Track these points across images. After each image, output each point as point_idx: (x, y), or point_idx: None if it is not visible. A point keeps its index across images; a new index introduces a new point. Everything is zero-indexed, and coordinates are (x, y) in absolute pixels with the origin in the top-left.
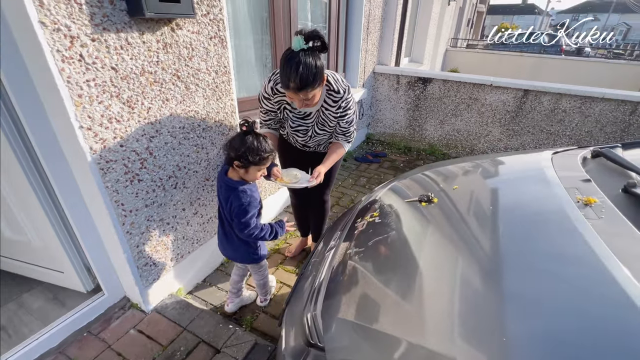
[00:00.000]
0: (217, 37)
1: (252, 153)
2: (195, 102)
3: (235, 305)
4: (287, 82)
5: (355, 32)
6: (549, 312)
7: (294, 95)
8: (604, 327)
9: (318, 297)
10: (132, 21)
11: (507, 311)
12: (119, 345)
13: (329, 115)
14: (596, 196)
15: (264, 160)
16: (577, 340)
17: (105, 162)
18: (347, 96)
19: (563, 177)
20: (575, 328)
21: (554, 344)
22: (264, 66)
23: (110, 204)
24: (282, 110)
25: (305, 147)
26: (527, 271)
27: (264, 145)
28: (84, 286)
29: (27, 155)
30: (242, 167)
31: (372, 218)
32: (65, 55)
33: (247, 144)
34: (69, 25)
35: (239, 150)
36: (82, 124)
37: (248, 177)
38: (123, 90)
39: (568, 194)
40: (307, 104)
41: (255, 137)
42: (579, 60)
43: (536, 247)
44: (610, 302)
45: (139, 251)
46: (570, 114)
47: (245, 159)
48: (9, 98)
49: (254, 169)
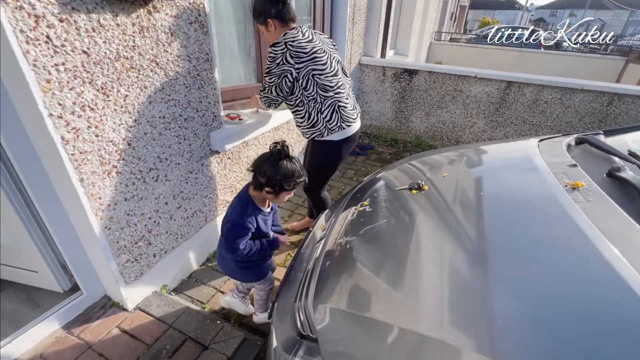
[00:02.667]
0: (197, 22)
1: (288, 180)
2: (176, 91)
3: (229, 300)
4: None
5: (340, 22)
6: (543, 294)
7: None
8: (596, 308)
9: (309, 288)
10: (104, 1)
11: (503, 295)
12: (101, 345)
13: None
14: (583, 180)
15: (299, 184)
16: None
17: (80, 153)
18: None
19: (550, 162)
20: (567, 310)
21: (546, 326)
22: (247, 55)
23: (85, 198)
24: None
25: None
26: (520, 254)
27: (298, 169)
28: (60, 286)
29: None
30: (273, 193)
31: (362, 207)
32: (29, 36)
33: (281, 171)
34: (32, 3)
35: (273, 179)
36: (51, 111)
37: (278, 200)
38: (96, 76)
39: (556, 178)
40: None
41: (289, 161)
42: (558, 54)
43: (528, 230)
44: (602, 282)
45: (119, 247)
46: (552, 105)
47: (280, 186)
48: None
49: (284, 194)
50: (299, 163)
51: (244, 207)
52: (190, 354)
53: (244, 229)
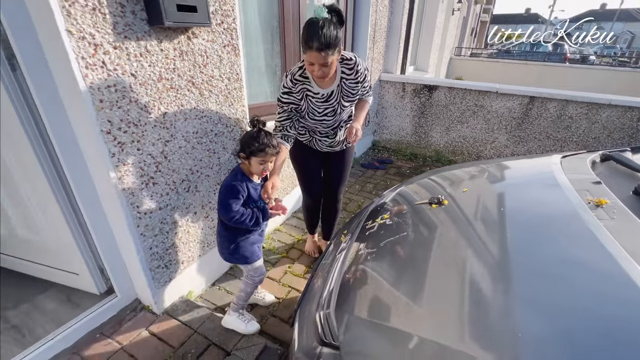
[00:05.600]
0: (230, 45)
1: (251, 142)
2: (209, 108)
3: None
4: (310, 43)
5: (361, 41)
6: (564, 313)
7: (315, 57)
8: (621, 327)
9: (331, 296)
10: (151, 30)
11: (523, 311)
12: (131, 346)
13: (350, 85)
14: (607, 197)
15: (262, 152)
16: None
17: (123, 165)
18: (358, 60)
19: (573, 179)
20: (592, 329)
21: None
22: (274, 74)
23: (126, 206)
24: (304, 98)
25: (329, 137)
26: (541, 273)
27: (263, 137)
28: (97, 288)
29: (47, 156)
30: (245, 158)
31: (382, 220)
32: (89, 62)
33: (249, 134)
34: (93, 34)
35: (241, 143)
36: (102, 127)
37: (252, 169)
38: (141, 95)
39: (579, 195)
40: (324, 72)
41: (257, 130)
42: (584, 68)
43: (549, 248)
44: (627, 302)
45: (152, 253)
46: (577, 121)
47: (247, 149)
48: (33, 101)
49: (255, 161)
50: (267, 137)
51: (235, 174)
52: (213, 359)
53: (235, 191)
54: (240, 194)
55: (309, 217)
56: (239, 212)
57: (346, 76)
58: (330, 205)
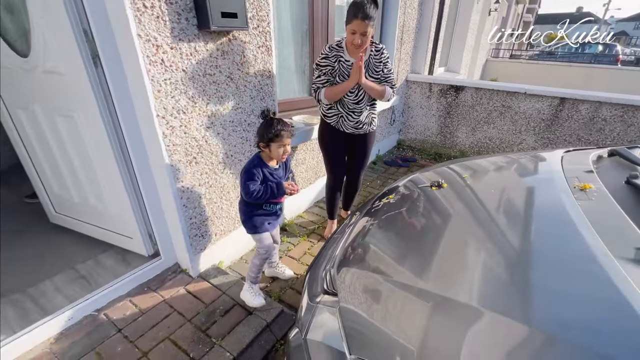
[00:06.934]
0: (264, 46)
1: (268, 130)
2: (243, 101)
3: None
4: (357, 13)
5: (389, 42)
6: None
7: (358, 25)
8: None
9: (335, 259)
10: (200, 33)
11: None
12: (171, 300)
13: (375, 63)
14: (593, 183)
15: (278, 136)
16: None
17: (173, 145)
18: (384, 49)
19: (567, 168)
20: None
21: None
22: (302, 73)
23: (173, 180)
24: (338, 63)
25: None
26: (513, 242)
27: (276, 123)
28: (147, 250)
29: (116, 136)
30: (266, 146)
31: (387, 199)
32: (151, 59)
33: (263, 124)
34: (156, 37)
35: (259, 133)
36: (158, 113)
37: (273, 155)
38: (189, 88)
39: (567, 181)
40: (363, 41)
41: (269, 119)
42: (638, 70)
43: (526, 222)
44: (584, 269)
45: (191, 223)
46: (611, 123)
47: (265, 137)
48: (109, 91)
49: (274, 147)
50: (279, 122)
51: (253, 160)
52: (238, 316)
53: (251, 174)
54: (255, 177)
55: (331, 197)
56: (256, 189)
57: (373, 55)
58: (351, 184)
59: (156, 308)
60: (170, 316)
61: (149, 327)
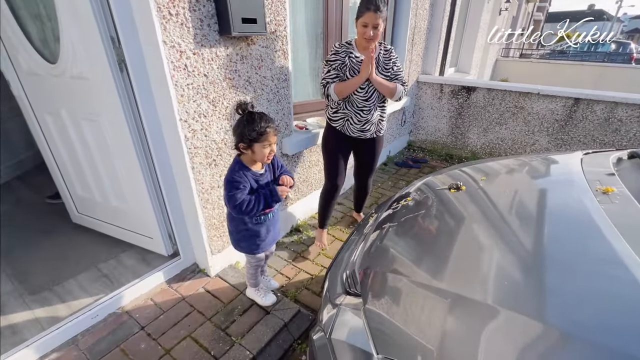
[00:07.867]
0: (280, 50)
1: (249, 128)
2: (261, 104)
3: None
4: (368, 5)
5: (400, 44)
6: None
7: (370, 17)
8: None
9: (357, 261)
10: (220, 39)
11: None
12: (191, 298)
13: (384, 61)
14: (615, 186)
15: (263, 134)
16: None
17: (194, 148)
18: (393, 49)
19: (588, 171)
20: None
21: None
22: (316, 76)
23: (193, 182)
24: (348, 59)
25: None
26: (532, 244)
27: (258, 119)
28: (166, 250)
29: (139, 138)
30: (247, 147)
31: (405, 202)
32: (175, 65)
33: (242, 122)
34: (179, 43)
35: (236, 132)
36: (181, 116)
37: (257, 157)
38: (210, 92)
39: (588, 184)
40: (374, 34)
41: (248, 115)
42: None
43: (549, 226)
44: (608, 270)
45: (210, 224)
46: (627, 124)
47: (246, 137)
48: (134, 94)
49: (258, 147)
50: (261, 118)
51: (233, 167)
52: (255, 315)
53: (233, 183)
54: (241, 184)
55: (325, 204)
56: (245, 200)
57: (382, 54)
58: (361, 189)
59: (177, 307)
60: (191, 315)
61: (171, 325)
